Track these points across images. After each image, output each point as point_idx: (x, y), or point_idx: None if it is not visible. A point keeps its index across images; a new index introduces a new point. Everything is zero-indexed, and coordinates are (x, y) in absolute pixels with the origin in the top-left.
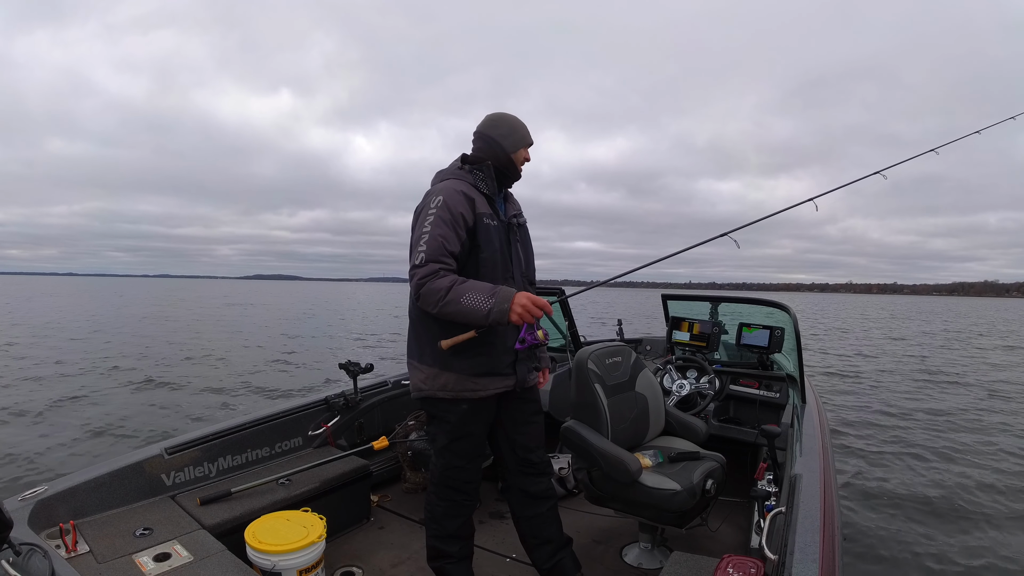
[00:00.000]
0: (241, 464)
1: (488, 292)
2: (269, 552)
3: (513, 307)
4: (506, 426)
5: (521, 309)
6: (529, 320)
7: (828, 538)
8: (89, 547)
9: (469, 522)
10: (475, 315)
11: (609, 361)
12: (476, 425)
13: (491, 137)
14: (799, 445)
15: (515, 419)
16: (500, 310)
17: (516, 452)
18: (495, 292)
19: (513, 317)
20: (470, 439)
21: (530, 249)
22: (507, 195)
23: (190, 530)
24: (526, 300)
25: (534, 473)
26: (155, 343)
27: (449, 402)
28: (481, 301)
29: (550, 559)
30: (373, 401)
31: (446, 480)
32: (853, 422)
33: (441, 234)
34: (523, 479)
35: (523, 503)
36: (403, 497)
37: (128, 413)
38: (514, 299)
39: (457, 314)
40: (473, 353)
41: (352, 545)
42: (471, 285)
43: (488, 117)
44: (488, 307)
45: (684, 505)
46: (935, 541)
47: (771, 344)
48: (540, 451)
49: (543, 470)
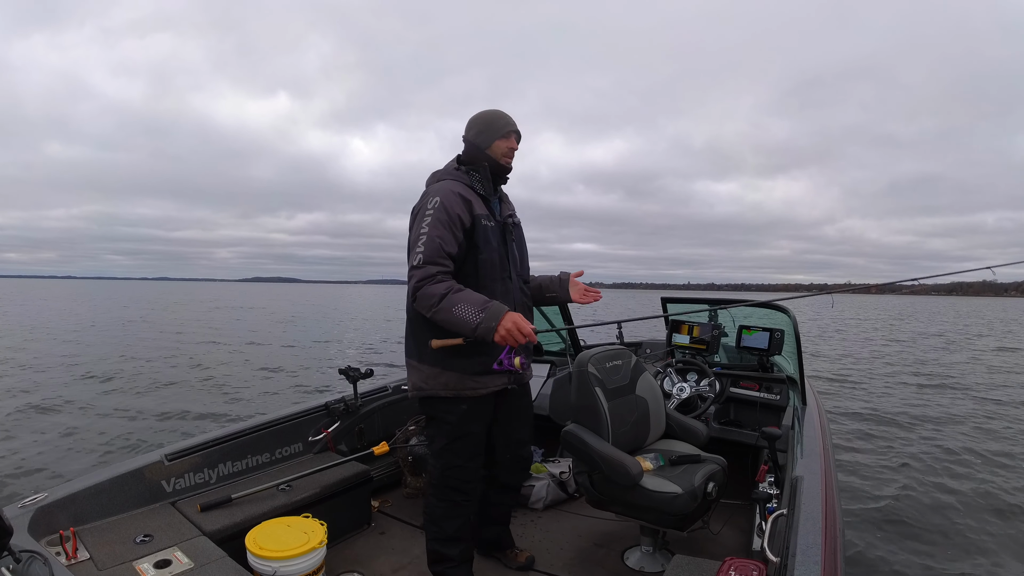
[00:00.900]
0: (241, 470)
1: (479, 306)
2: (270, 558)
3: (499, 327)
4: (502, 422)
5: (505, 332)
6: (512, 343)
7: (830, 540)
8: (89, 554)
9: (469, 524)
10: (464, 327)
11: (609, 364)
12: (475, 424)
13: (468, 140)
14: (800, 447)
15: (510, 415)
16: (487, 327)
17: (510, 447)
18: (486, 307)
19: (496, 337)
20: (469, 438)
21: (525, 249)
22: (502, 195)
23: (191, 536)
24: (511, 324)
25: (522, 467)
26: (151, 348)
27: (449, 401)
28: (471, 314)
29: (496, 535)
30: (373, 406)
31: (445, 480)
32: (854, 422)
33: (439, 235)
34: (512, 474)
35: (500, 492)
36: (404, 502)
37: (127, 420)
38: (502, 319)
39: (447, 322)
40: (472, 352)
41: (353, 551)
42: (465, 296)
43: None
44: (476, 321)
45: (685, 508)
46: (936, 542)
47: (771, 346)
48: (528, 446)
49: (528, 464)
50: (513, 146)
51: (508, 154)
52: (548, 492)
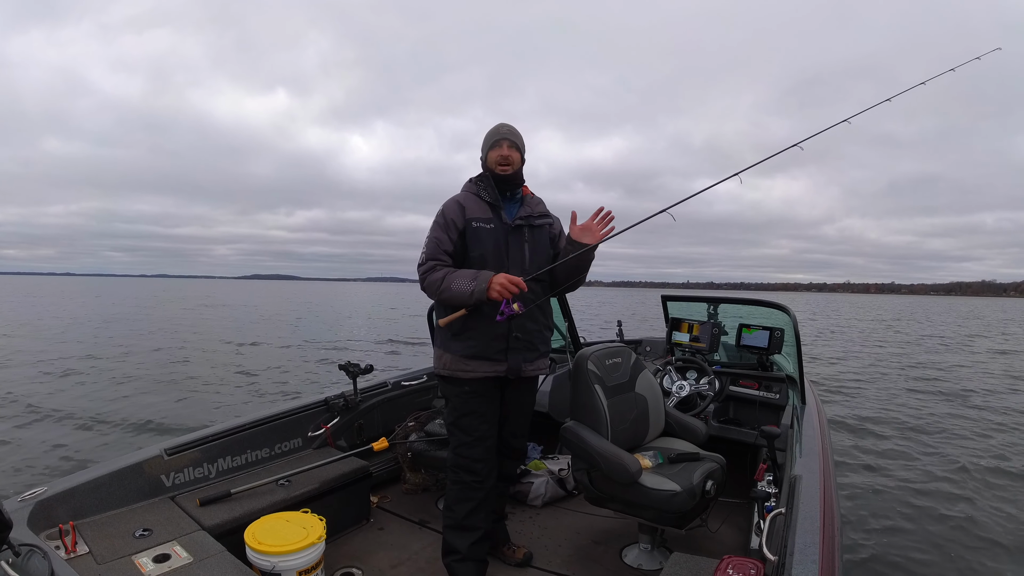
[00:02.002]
0: (241, 465)
1: (471, 276)
2: (269, 553)
3: (492, 285)
4: (500, 411)
5: (499, 287)
6: (507, 295)
7: (828, 539)
8: (89, 548)
9: (482, 514)
10: (462, 296)
11: (609, 362)
12: (480, 404)
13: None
14: (799, 446)
15: (510, 407)
16: (480, 289)
17: (502, 434)
18: (476, 275)
19: (492, 294)
20: (475, 416)
21: (542, 249)
22: (524, 200)
23: (190, 531)
24: (503, 279)
25: (512, 456)
26: (152, 344)
27: (451, 381)
28: (465, 284)
29: (491, 526)
30: (373, 402)
31: (457, 461)
32: (854, 423)
33: (436, 236)
34: (501, 461)
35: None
36: (403, 498)
37: (127, 414)
38: (492, 279)
39: (451, 299)
40: (465, 337)
41: (352, 546)
42: (459, 273)
43: None
44: (471, 288)
45: (684, 506)
46: (935, 542)
47: (771, 345)
48: (524, 439)
49: (520, 456)
50: (504, 153)
51: (500, 161)
52: (547, 489)
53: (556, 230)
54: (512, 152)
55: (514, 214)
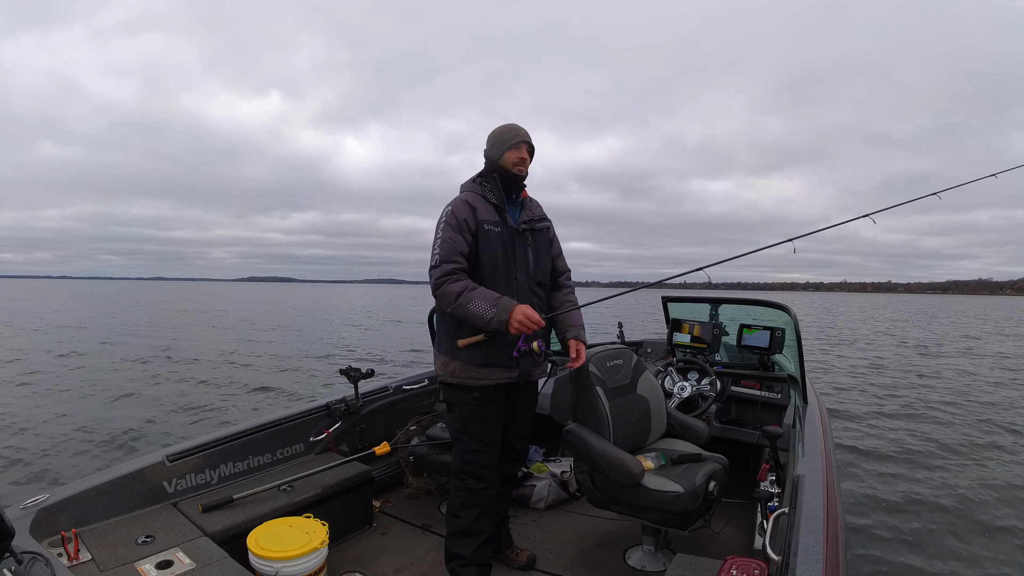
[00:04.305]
0: (243, 471)
1: (491, 302)
2: (272, 559)
3: (511, 320)
4: (505, 414)
5: (518, 323)
6: (526, 331)
7: (831, 538)
8: (91, 555)
9: (486, 519)
10: (479, 321)
11: (610, 364)
12: (489, 410)
13: (485, 153)
14: (801, 446)
15: (515, 410)
16: (499, 320)
17: (506, 437)
18: (497, 303)
19: (511, 328)
20: (484, 422)
21: (544, 253)
22: (524, 203)
23: (192, 537)
24: (522, 315)
25: (515, 459)
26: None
27: (459, 388)
28: (485, 309)
29: (495, 529)
30: (375, 407)
31: (463, 468)
32: (854, 423)
33: (451, 238)
34: (504, 463)
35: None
36: (405, 502)
37: (127, 421)
38: (512, 312)
39: (465, 317)
40: (476, 345)
41: (354, 551)
42: (479, 293)
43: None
44: (490, 316)
45: (687, 507)
46: (938, 541)
47: (772, 345)
48: (526, 441)
49: (522, 458)
50: (523, 156)
51: (519, 163)
52: (549, 492)
53: (552, 233)
54: (528, 155)
55: (516, 216)
